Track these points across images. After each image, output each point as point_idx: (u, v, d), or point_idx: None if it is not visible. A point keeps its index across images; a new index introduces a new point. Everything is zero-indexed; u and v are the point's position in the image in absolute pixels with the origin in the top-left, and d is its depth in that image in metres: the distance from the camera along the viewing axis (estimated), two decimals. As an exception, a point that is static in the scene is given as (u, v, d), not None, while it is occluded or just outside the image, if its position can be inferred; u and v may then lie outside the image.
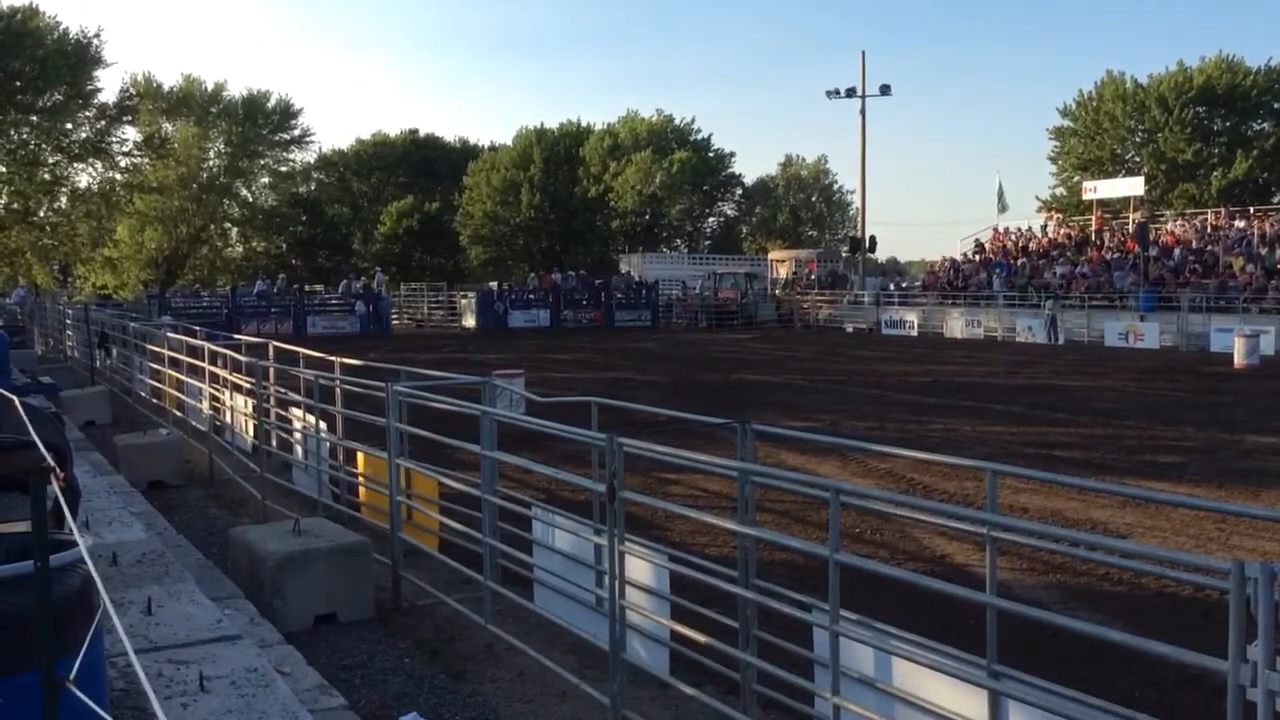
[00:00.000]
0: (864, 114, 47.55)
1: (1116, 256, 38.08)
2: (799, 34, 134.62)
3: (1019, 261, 41.24)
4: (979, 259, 43.94)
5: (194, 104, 57.65)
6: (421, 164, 69.67)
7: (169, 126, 57.51)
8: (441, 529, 7.06)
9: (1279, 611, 2.55)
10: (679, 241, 67.85)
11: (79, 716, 2.45)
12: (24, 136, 50.48)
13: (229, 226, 63.86)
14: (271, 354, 11.78)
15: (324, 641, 6.21)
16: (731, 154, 69.32)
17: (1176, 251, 36.52)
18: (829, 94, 48.13)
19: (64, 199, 53.90)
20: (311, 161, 66.18)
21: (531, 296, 42.86)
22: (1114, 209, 45.78)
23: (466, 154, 69.87)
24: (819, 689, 4.24)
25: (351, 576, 6.66)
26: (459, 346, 31.51)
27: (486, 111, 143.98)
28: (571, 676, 5.23)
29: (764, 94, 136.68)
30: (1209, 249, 36.05)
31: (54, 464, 3.26)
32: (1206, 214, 41.39)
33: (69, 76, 48.63)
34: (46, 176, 51.87)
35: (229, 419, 12.04)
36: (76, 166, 53.48)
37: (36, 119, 49.69)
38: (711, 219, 71.86)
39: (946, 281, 42.72)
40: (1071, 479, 4.87)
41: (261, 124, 59.50)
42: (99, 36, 49.83)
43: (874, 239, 51.36)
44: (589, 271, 50.94)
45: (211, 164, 59.82)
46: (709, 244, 68.05)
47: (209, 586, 6.11)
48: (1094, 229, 42.47)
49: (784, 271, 50.16)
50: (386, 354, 22.63)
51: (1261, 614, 2.55)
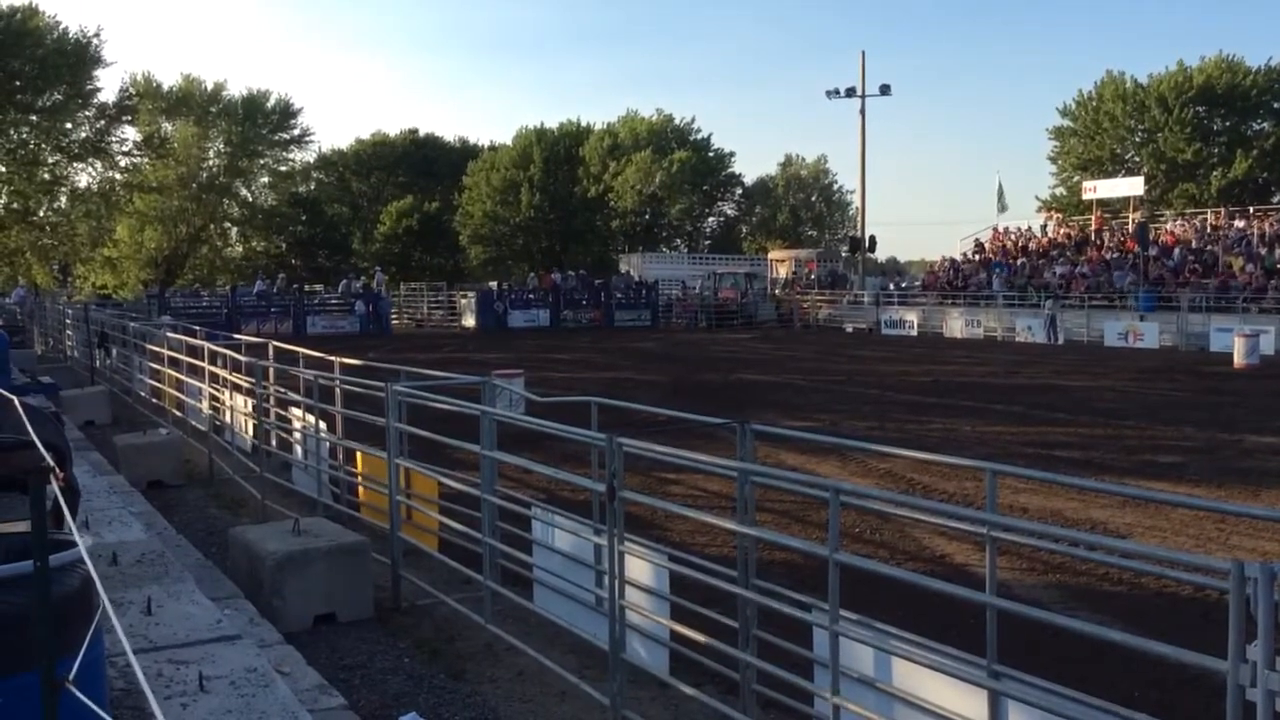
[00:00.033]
0: (864, 114, 47.68)
1: (1116, 256, 38.09)
2: (799, 34, 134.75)
3: (1019, 261, 41.25)
4: (979, 259, 43.94)
5: (194, 104, 57.67)
6: (421, 164, 69.64)
7: (169, 126, 57.56)
8: (441, 529, 7.06)
9: (1278, 611, 2.55)
10: (679, 241, 67.84)
11: (79, 716, 2.45)
12: (24, 136, 50.50)
13: (229, 226, 63.91)
14: (271, 354, 11.77)
15: (323, 641, 6.21)
16: (731, 154, 69.44)
17: (1176, 251, 36.53)
18: (829, 94, 48.21)
19: (64, 199, 53.95)
20: (311, 161, 66.37)
21: (531, 296, 42.86)
22: (1114, 209, 45.78)
23: (466, 154, 69.84)
24: (819, 689, 4.23)
25: (351, 576, 6.67)
26: (459, 346, 31.51)
27: (486, 111, 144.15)
28: (571, 676, 5.23)
29: (764, 94, 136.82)
30: (1209, 249, 36.06)
31: (53, 464, 3.26)
32: (1206, 214, 41.41)
33: (69, 76, 48.67)
34: (46, 176, 51.90)
35: (229, 419, 12.04)
36: (76, 166, 53.60)
37: (36, 118, 49.72)
38: (711, 219, 71.86)
39: (946, 281, 42.73)
40: (1071, 479, 4.87)
41: (261, 124, 59.54)
42: (99, 36, 50.02)
43: (874, 239, 51.41)
44: (589, 271, 50.93)
45: (211, 163, 59.85)
46: (709, 244, 68.02)
47: (208, 586, 6.11)
48: (1094, 229, 42.48)
49: (784, 271, 50.16)
50: (386, 354, 22.63)
51: (1261, 614, 2.55)
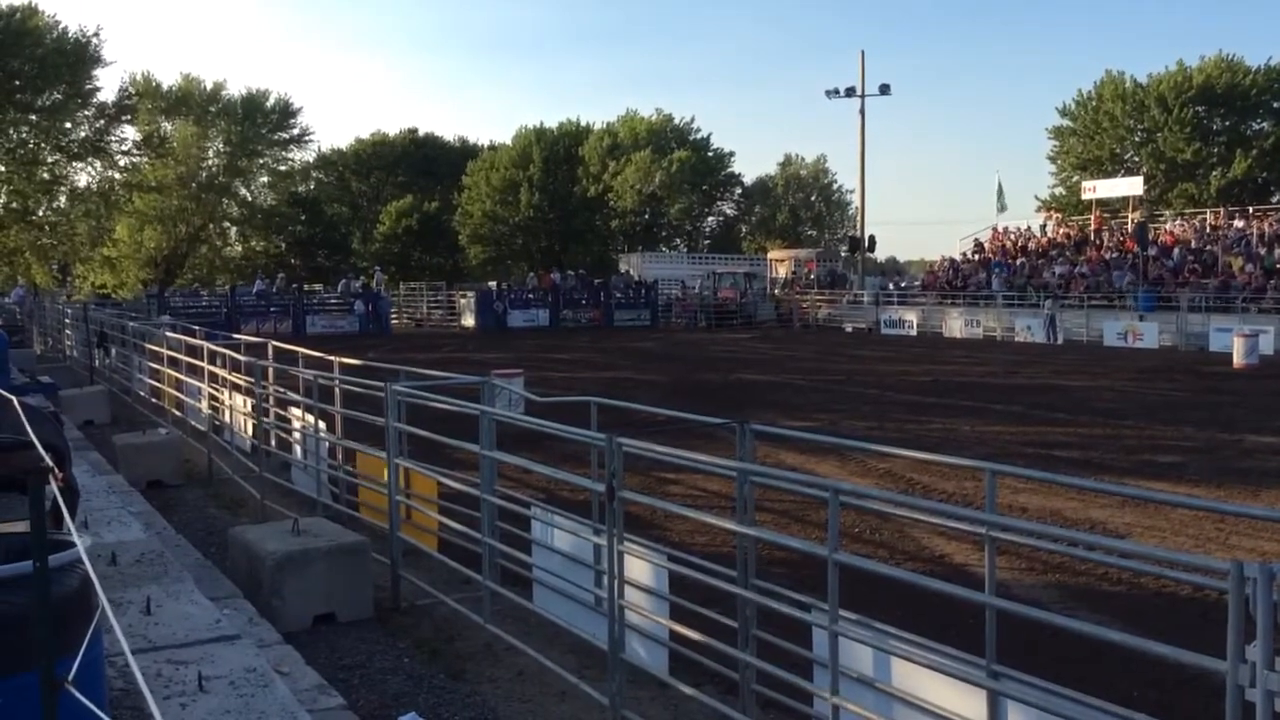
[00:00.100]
0: (863, 114, 47.67)
1: (1115, 256, 38.09)
2: (799, 34, 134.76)
3: (1018, 261, 41.25)
4: (978, 259, 43.93)
5: (193, 103, 57.67)
6: (421, 163, 69.61)
7: (168, 126, 57.55)
8: (440, 529, 7.05)
9: (1277, 612, 2.55)
10: (678, 241, 67.83)
11: (78, 717, 2.45)
12: (23, 135, 50.49)
13: (228, 226, 63.88)
14: (270, 353, 11.75)
15: (323, 641, 6.21)
16: (731, 153, 69.36)
17: (1175, 251, 36.53)
18: (828, 94, 48.17)
19: (63, 198, 53.93)
20: (310, 161, 66.35)
21: (531, 296, 42.85)
22: (1113, 209, 45.77)
23: (466, 154, 69.81)
24: (818, 689, 4.23)
25: (350, 576, 6.66)
26: (458, 346, 31.50)
27: (486, 111, 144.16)
28: (571, 676, 5.23)
29: (764, 94, 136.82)
30: (1208, 249, 36.05)
31: (52, 464, 3.26)
32: (1205, 214, 41.40)
33: (68, 75, 48.68)
34: (45, 176, 51.89)
35: (228, 418, 12.03)
36: (75, 166, 53.58)
37: (35, 118, 49.71)
38: (711, 218, 71.83)
39: (946, 281, 42.73)
40: (1070, 479, 4.88)
41: (260, 123, 59.52)
42: (98, 36, 50.05)
43: (873, 238, 51.40)
44: (588, 271, 50.94)
45: (210, 163, 59.83)
46: (708, 243, 68.00)
47: (208, 586, 6.10)
48: (1093, 229, 42.47)
49: (783, 271, 50.15)
50: (386, 353, 22.63)
51: (1260, 614, 2.56)
